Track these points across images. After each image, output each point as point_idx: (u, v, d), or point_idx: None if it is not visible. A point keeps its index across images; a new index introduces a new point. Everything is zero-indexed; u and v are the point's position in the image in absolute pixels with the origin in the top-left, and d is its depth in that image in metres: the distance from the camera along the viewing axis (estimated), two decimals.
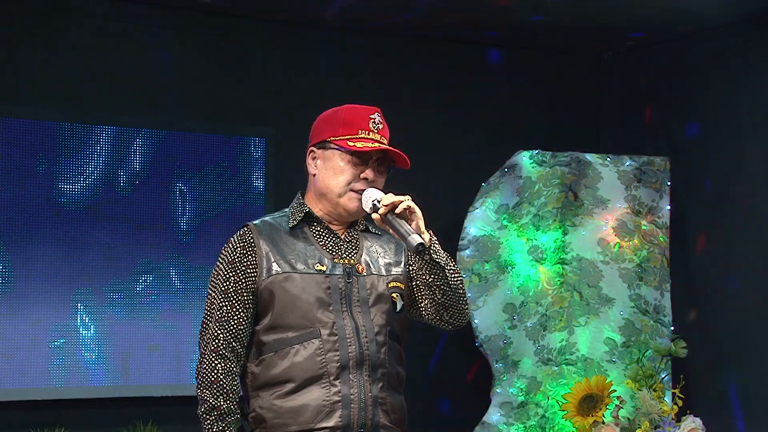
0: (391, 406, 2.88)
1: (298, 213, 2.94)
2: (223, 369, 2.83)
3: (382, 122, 2.97)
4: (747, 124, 5.07)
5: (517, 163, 5.13)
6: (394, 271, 2.96)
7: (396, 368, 2.92)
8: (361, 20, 5.16)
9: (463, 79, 5.58)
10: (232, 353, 2.85)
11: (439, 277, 2.89)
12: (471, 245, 5.07)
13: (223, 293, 2.87)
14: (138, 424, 4.65)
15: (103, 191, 4.73)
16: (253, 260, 2.86)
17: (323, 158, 2.93)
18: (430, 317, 2.99)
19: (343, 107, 2.98)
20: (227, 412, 2.82)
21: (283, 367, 2.82)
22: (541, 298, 5.07)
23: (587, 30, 5.39)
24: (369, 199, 2.86)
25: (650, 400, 4.72)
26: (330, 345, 2.82)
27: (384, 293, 2.92)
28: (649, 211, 5.18)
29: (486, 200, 5.11)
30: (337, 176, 2.90)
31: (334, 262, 2.89)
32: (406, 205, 2.81)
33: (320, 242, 2.92)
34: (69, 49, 4.74)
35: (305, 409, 2.80)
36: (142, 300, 4.77)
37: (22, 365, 4.55)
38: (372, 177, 2.91)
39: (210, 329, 2.87)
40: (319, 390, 2.80)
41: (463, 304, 2.96)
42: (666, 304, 5.12)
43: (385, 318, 2.90)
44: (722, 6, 4.88)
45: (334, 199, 2.91)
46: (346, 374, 2.82)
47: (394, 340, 2.92)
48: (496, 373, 5.05)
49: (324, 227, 2.94)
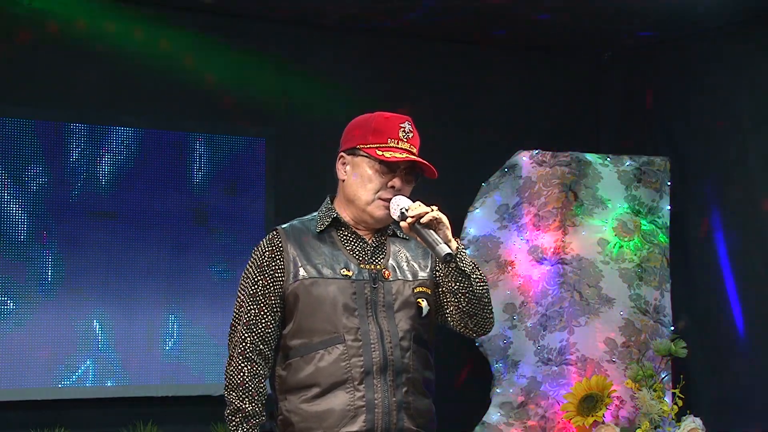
0: (416, 410, 2.89)
1: (326, 218, 2.96)
2: (249, 372, 2.86)
3: (412, 131, 3.01)
4: (747, 124, 5.07)
5: (517, 163, 5.13)
6: (421, 276, 2.97)
7: (422, 373, 2.93)
8: (362, 20, 5.16)
9: (463, 79, 5.58)
10: (259, 356, 2.88)
11: (465, 285, 2.89)
12: (471, 245, 5.07)
13: (251, 297, 2.89)
14: (138, 424, 4.65)
15: (103, 191, 4.72)
16: (280, 264, 2.89)
17: (352, 165, 2.95)
18: (455, 324, 2.99)
19: (375, 114, 3.00)
20: (252, 414, 2.85)
21: (308, 371, 2.85)
22: (541, 298, 5.07)
23: (587, 30, 5.39)
24: (397, 207, 2.87)
25: (650, 400, 4.71)
26: (354, 350, 2.84)
27: (410, 298, 2.93)
28: (649, 211, 5.18)
29: (486, 200, 5.11)
30: (366, 184, 2.92)
31: (360, 268, 2.91)
32: (433, 216, 2.82)
33: (347, 247, 2.94)
34: (69, 49, 4.73)
35: (330, 413, 2.82)
36: (143, 300, 4.77)
37: (22, 365, 4.55)
38: (399, 186, 2.93)
39: (238, 332, 2.89)
40: (343, 395, 2.83)
41: (488, 312, 2.96)
42: (666, 304, 5.12)
43: (411, 323, 2.91)
44: (723, 6, 4.88)
45: (361, 206, 2.93)
46: (370, 379, 2.83)
47: (420, 345, 2.93)
48: (496, 373, 5.05)
49: (351, 232, 2.96)
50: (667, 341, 4.91)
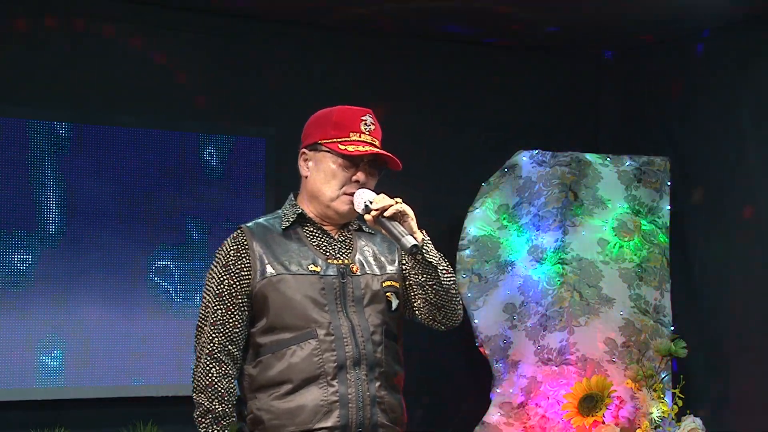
0: (389, 405, 2.88)
1: (291, 214, 2.94)
2: (218, 372, 2.83)
3: (374, 123, 2.97)
4: (747, 124, 5.07)
5: (517, 163, 5.13)
6: (389, 270, 2.96)
7: (393, 367, 2.92)
8: (362, 20, 5.16)
9: (463, 79, 5.58)
10: (227, 356, 2.84)
11: (432, 277, 2.88)
12: (471, 245, 5.07)
13: (217, 296, 2.86)
14: (138, 424, 4.65)
15: (103, 191, 4.72)
16: (247, 263, 2.86)
17: (315, 160, 2.93)
18: (423, 317, 2.98)
19: (335, 108, 2.97)
20: (222, 415, 2.82)
21: (280, 368, 2.82)
22: (541, 298, 5.07)
23: (587, 30, 5.39)
24: (361, 201, 2.86)
25: (650, 400, 4.71)
26: (327, 345, 2.82)
27: (379, 292, 2.91)
28: (649, 211, 5.18)
29: (486, 200, 5.11)
30: (329, 179, 2.90)
31: (328, 263, 2.89)
32: (397, 209, 2.81)
33: (314, 243, 2.92)
34: (69, 49, 4.73)
35: (303, 409, 2.80)
36: (142, 299, 4.77)
37: (22, 365, 4.54)
38: (363, 179, 2.91)
39: (205, 333, 2.86)
40: (317, 390, 2.80)
41: (455, 304, 2.95)
42: (666, 304, 5.12)
43: (381, 317, 2.90)
44: (723, 6, 4.87)
45: (325, 202, 2.91)
46: (343, 374, 2.81)
47: (390, 339, 2.92)
48: (496, 373, 5.05)
49: (317, 228, 2.94)
50: (667, 341, 4.91)
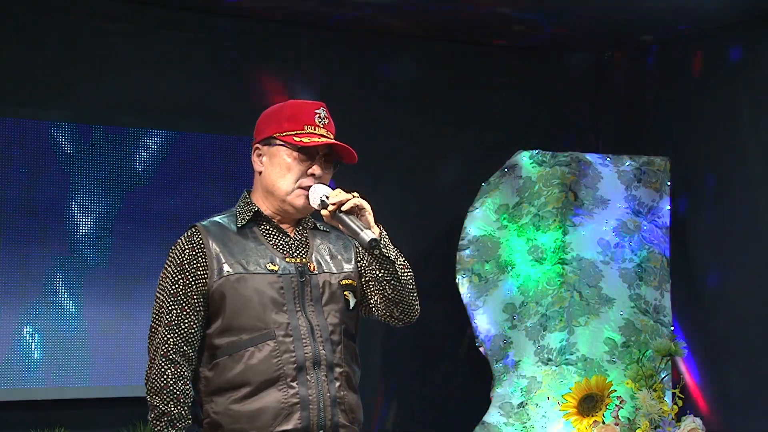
0: (348, 405, 2.84)
1: (246, 212, 2.89)
2: (173, 374, 2.78)
3: (327, 117, 2.91)
4: (747, 124, 5.07)
5: (517, 163, 5.13)
6: (346, 269, 2.92)
7: (352, 367, 2.88)
8: (362, 20, 5.16)
9: (463, 79, 5.58)
10: (183, 357, 2.79)
11: (390, 272, 2.85)
12: (471, 245, 5.07)
13: (172, 296, 2.80)
14: (138, 424, 4.64)
15: (103, 191, 4.72)
16: (203, 262, 2.81)
17: (269, 155, 2.87)
18: (380, 313, 2.95)
19: (287, 103, 2.93)
20: (178, 417, 2.77)
21: (237, 370, 2.76)
22: (541, 298, 5.07)
23: (587, 30, 5.39)
24: (317, 196, 2.81)
25: (650, 400, 4.71)
26: (285, 346, 2.76)
27: (336, 291, 2.87)
28: (649, 211, 5.18)
29: (486, 200, 5.11)
30: (284, 173, 2.85)
31: (285, 262, 2.84)
32: (354, 203, 2.77)
33: (270, 241, 2.87)
34: (70, 49, 4.73)
35: (263, 412, 2.74)
36: (142, 299, 4.76)
37: (22, 365, 4.54)
38: (319, 173, 2.85)
39: (159, 333, 2.81)
40: (276, 392, 2.75)
41: (413, 299, 2.92)
42: (666, 304, 5.12)
43: (339, 317, 2.86)
44: (722, 6, 4.87)
45: (281, 197, 2.86)
46: (303, 375, 2.76)
47: (348, 339, 2.88)
48: (496, 373, 5.05)
49: (273, 226, 2.89)
50: (667, 341, 4.91)
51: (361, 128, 5.25)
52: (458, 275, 5.04)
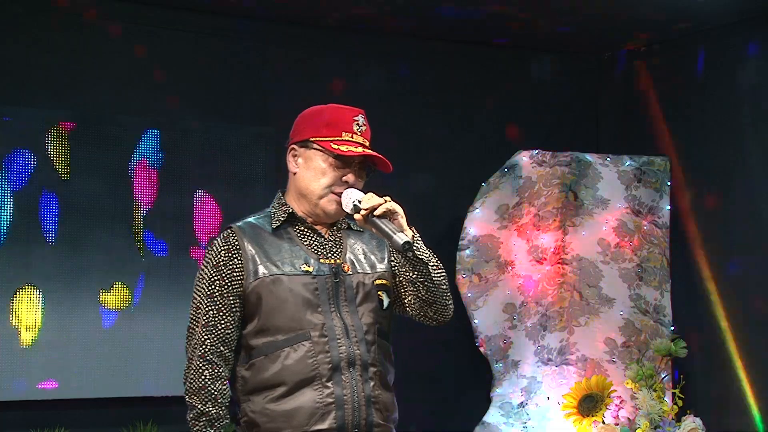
0: (383, 404, 2.87)
1: (281, 214, 2.92)
2: (210, 374, 2.81)
3: (365, 124, 2.95)
4: (747, 124, 5.07)
5: (517, 163, 5.13)
6: (379, 268, 2.95)
7: (386, 366, 2.91)
8: (362, 21, 5.16)
9: (463, 79, 5.58)
10: (219, 358, 2.83)
11: (423, 274, 2.87)
12: (471, 245, 5.07)
13: (208, 297, 2.84)
14: (138, 424, 4.64)
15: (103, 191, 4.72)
16: (239, 263, 2.84)
17: (305, 158, 2.90)
18: (414, 313, 2.97)
19: (327, 106, 2.95)
20: (216, 417, 2.81)
21: (274, 370, 2.80)
22: (541, 298, 5.07)
23: (587, 30, 5.39)
24: (349, 200, 2.84)
25: (650, 400, 4.71)
26: (320, 346, 2.80)
27: (371, 291, 2.90)
28: (649, 211, 5.18)
29: (486, 200, 5.11)
30: (318, 178, 2.88)
31: (320, 263, 2.87)
32: (386, 208, 2.80)
33: (305, 242, 2.90)
34: (70, 49, 4.73)
35: (299, 412, 2.78)
36: (141, 299, 4.76)
37: (22, 365, 4.54)
38: (353, 180, 2.89)
39: (197, 334, 2.85)
40: (311, 392, 2.79)
41: (446, 299, 2.95)
42: (666, 304, 5.12)
43: (373, 316, 2.89)
44: (722, 6, 4.87)
45: (313, 200, 2.89)
46: (338, 375, 2.80)
47: (382, 338, 2.91)
48: (496, 373, 5.05)
49: (308, 227, 2.92)
50: (667, 341, 4.90)
51: None
52: (458, 275, 5.05)
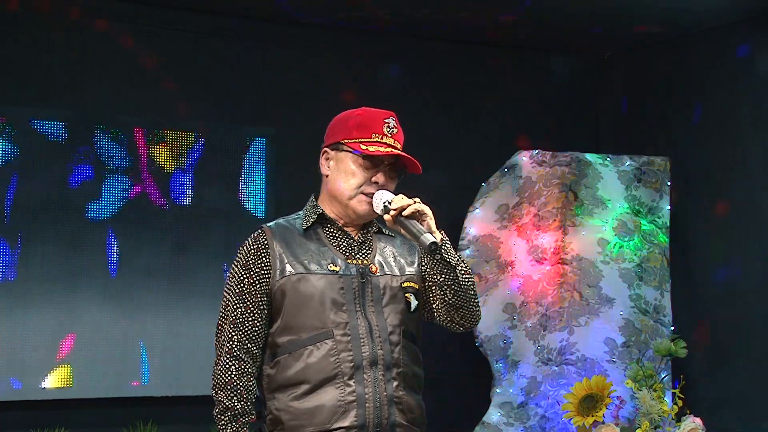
0: (407, 405, 2.89)
1: (312, 215, 2.96)
2: (237, 370, 2.85)
3: (396, 126, 2.97)
4: (747, 123, 5.07)
5: (517, 163, 5.13)
6: (408, 271, 2.97)
7: (412, 368, 2.93)
8: (362, 20, 5.16)
9: (463, 79, 5.58)
10: (246, 354, 2.86)
11: (450, 278, 2.89)
12: (471, 245, 5.07)
13: (237, 295, 2.88)
14: (138, 424, 4.65)
15: (103, 190, 4.72)
16: (267, 262, 2.88)
17: (336, 160, 2.94)
18: (441, 318, 2.99)
19: (359, 110, 2.98)
20: (241, 413, 2.84)
21: (297, 368, 2.83)
22: (541, 298, 5.07)
23: (588, 30, 5.39)
24: (380, 201, 2.87)
25: (650, 400, 4.71)
26: (343, 345, 2.83)
27: (398, 293, 2.92)
28: (649, 211, 5.18)
29: (486, 200, 5.11)
30: (348, 179, 2.91)
31: (347, 263, 2.90)
32: (415, 209, 2.82)
33: (333, 243, 2.93)
34: (69, 49, 4.73)
35: (321, 409, 2.81)
36: (141, 300, 4.77)
37: (23, 365, 4.54)
38: (383, 181, 2.92)
39: (225, 331, 2.89)
40: (334, 390, 2.81)
41: (474, 305, 2.96)
42: (666, 304, 5.12)
43: (399, 318, 2.91)
44: (722, 6, 4.88)
45: (344, 201, 2.92)
46: (360, 374, 2.83)
47: (408, 340, 2.93)
48: (496, 373, 5.05)
49: (337, 228, 2.95)
50: (667, 341, 4.91)
51: None
52: None
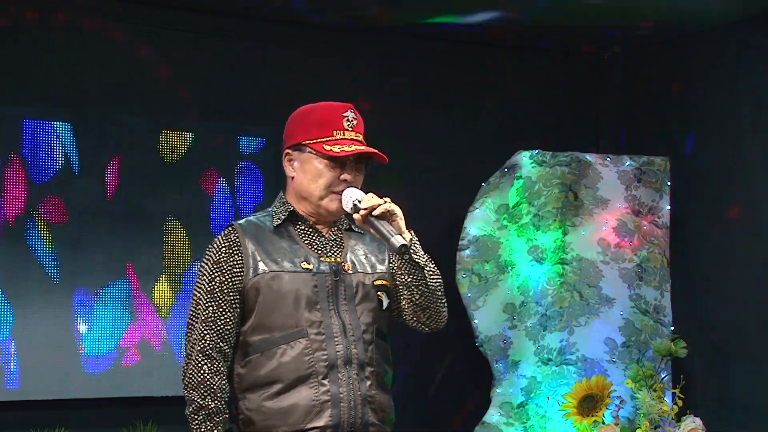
0: (379, 404, 2.88)
1: (282, 212, 2.93)
2: (209, 369, 2.81)
3: (356, 118, 2.95)
4: (747, 124, 5.07)
5: (517, 163, 5.13)
6: (379, 269, 2.96)
7: (383, 366, 2.91)
8: (362, 20, 5.16)
9: (463, 79, 5.58)
10: (219, 353, 2.83)
11: (418, 278, 2.89)
12: (471, 245, 5.07)
13: (209, 293, 2.85)
14: (138, 424, 4.65)
15: (103, 190, 4.72)
16: (239, 260, 2.85)
17: (300, 161, 2.91)
18: (407, 318, 2.99)
19: (316, 105, 2.96)
20: (215, 411, 2.81)
21: (270, 367, 2.81)
22: (541, 298, 5.07)
23: (588, 30, 5.39)
24: (349, 199, 2.86)
25: (650, 400, 4.71)
26: (317, 344, 2.81)
27: (370, 291, 2.91)
28: (649, 211, 5.18)
29: (486, 200, 5.11)
30: (316, 180, 2.89)
31: (320, 261, 2.88)
32: (385, 209, 2.81)
33: (305, 241, 2.91)
34: (69, 49, 4.73)
35: (294, 409, 2.78)
36: (141, 299, 4.77)
37: (22, 365, 4.54)
38: (351, 178, 2.91)
39: (196, 330, 2.85)
40: (307, 390, 2.79)
41: (440, 306, 2.96)
42: (666, 304, 5.12)
43: (372, 316, 2.90)
44: (722, 6, 4.88)
45: (315, 202, 2.91)
46: (334, 373, 2.80)
47: (380, 339, 2.92)
48: (496, 373, 5.05)
49: (309, 226, 2.93)
50: (667, 341, 4.91)
51: None
52: (458, 275, 5.05)
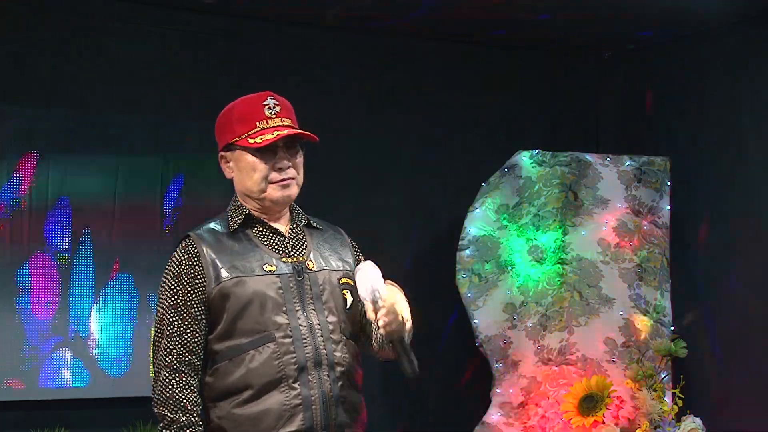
0: (351, 404, 2.83)
1: (238, 216, 2.88)
2: (178, 384, 2.75)
3: (278, 104, 2.90)
4: (747, 123, 5.07)
5: (517, 163, 5.13)
6: (344, 267, 2.92)
7: (353, 366, 2.86)
8: (362, 20, 5.16)
9: (463, 79, 5.58)
10: (187, 366, 2.77)
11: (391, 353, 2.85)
12: (471, 245, 5.07)
13: (171, 308, 2.78)
14: (138, 424, 4.64)
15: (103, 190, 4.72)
16: (200, 271, 2.78)
17: (234, 160, 2.88)
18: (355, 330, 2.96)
19: (236, 102, 2.92)
20: (188, 424, 2.74)
21: (238, 374, 2.75)
22: (541, 298, 5.07)
23: (588, 30, 5.39)
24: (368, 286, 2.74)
25: (650, 400, 4.72)
26: (285, 347, 2.75)
27: (336, 289, 2.87)
28: (649, 211, 5.18)
29: (486, 200, 5.11)
30: (251, 175, 2.84)
31: (282, 262, 2.83)
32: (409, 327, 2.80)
33: (265, 242, 2.86)
34: (70, 48, 4.73)
35: (266, 414, 2.73)
36: (141, 299, 4.76)
37: (22, 365, 4.54)
38: (286, 164, 2.86)
39: (162, 346, 2.78)
40: (278, 394, 2.73)
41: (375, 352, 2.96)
42: (666, 304, 5.12)
43: (339, 315, 2.85)
44: (722, 6, 4.87)
45: (257, 197, 2.86)
46: (305, 376, 2.75)
47: (348, 338, 2.87)
48: (496, 373, 5.05)
49: (266, 227, 2.88)
50: (667, 341, 4.91)
51: (361, 128, 5.25)
52: (458, 275, 5.05)
